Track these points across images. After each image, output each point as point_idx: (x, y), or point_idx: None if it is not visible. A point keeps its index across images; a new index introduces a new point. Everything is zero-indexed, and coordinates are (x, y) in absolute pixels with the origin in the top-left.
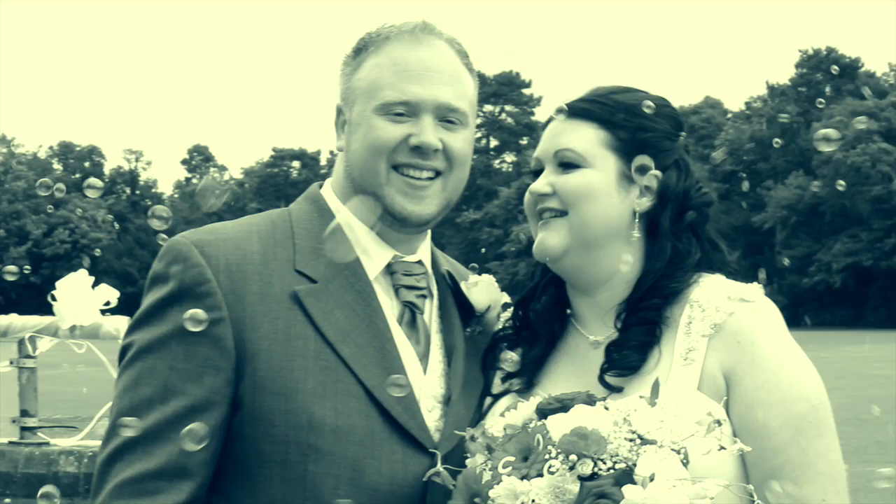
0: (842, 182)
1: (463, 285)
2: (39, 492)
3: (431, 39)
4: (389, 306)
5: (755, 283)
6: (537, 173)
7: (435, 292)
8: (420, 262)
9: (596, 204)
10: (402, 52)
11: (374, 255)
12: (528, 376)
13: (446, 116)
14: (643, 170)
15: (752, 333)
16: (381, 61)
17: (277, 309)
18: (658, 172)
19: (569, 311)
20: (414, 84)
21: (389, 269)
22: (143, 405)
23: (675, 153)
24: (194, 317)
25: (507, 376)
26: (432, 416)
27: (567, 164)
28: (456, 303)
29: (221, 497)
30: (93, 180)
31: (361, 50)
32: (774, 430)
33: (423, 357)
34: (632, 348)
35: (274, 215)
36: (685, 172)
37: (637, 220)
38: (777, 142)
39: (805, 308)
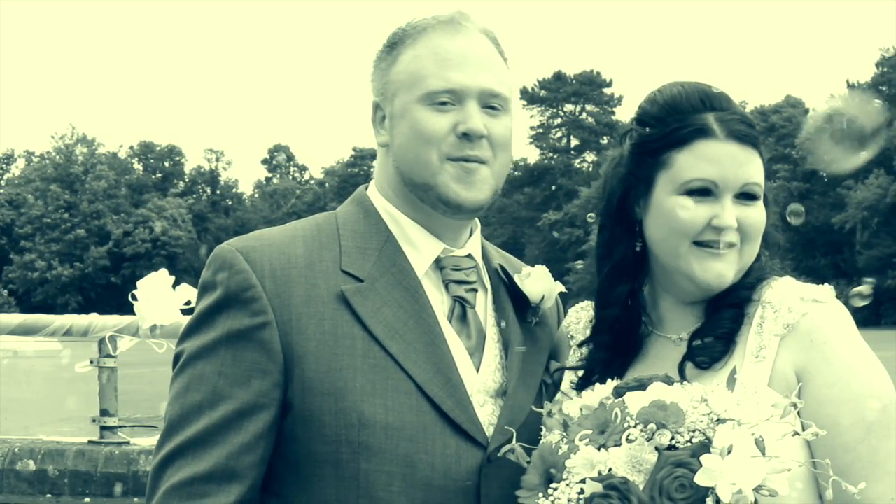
0: None
1: (516, 277)
2: None
3: (468, 28)
4: (439, 301)
5: (826, 285)
6: (700, 192)
7: (488, 286)
8: (470, 256)
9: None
10: (441, 41)
11: (422, 248)
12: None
13: (489, 102)
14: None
15: (824, 333)
16: (420, 52)
17: (324, 310)
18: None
19: (644, 318)
20: (457, 71)
21: (439, 265)
22: (193, 411)
23: None
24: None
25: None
26: (485, 410)
27: (751, 196)
28: (510, 295)
29: (276, 498)
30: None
31: (397, 44)
32: (845, 427)
33: (476, 351)
34: (717, 338)
35: (320, 219)
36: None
37: None
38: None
39: (886, 307)
